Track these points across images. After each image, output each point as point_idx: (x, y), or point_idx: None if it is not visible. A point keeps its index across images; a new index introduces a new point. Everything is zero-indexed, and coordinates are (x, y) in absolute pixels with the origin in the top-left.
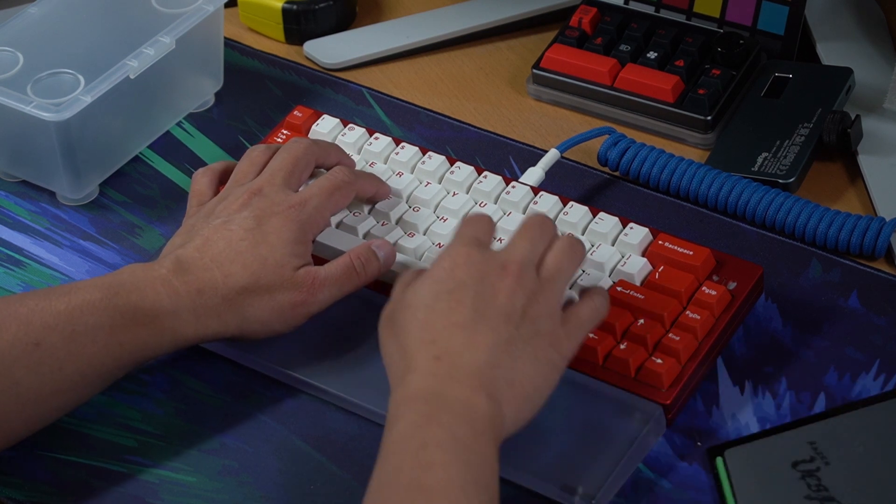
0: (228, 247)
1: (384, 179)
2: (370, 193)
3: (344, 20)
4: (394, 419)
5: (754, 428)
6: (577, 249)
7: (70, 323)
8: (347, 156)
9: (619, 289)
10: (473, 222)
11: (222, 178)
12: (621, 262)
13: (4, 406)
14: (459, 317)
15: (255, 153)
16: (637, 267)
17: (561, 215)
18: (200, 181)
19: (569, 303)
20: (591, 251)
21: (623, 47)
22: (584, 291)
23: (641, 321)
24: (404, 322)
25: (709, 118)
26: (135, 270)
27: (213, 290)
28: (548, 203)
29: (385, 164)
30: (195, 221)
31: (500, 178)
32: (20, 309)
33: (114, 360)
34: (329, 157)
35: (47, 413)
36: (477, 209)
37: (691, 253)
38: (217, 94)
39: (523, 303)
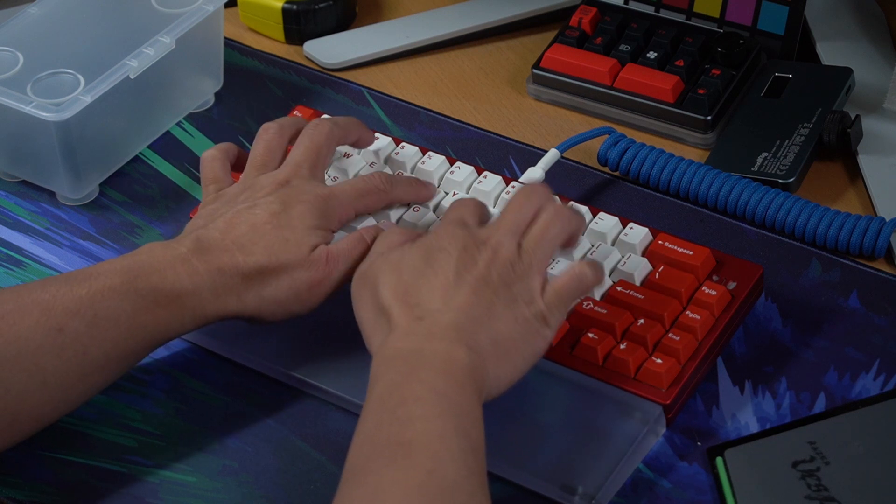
0: (252, 230)
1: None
2: (408, 200)
3: (344, 20)
4: (374, 379)
5: (754, 428)
6: (564, 217)
7: (92, 308)
8: (368, 131)
9: (619, 289)
10: (461, 205)
11: (231, 160)
12: (621, 262)
13: (31, 392)
14: (441, 280)
15: (269, 135)
16: (637, 267)
17: None
18: (213, 165)
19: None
20: (591, 251)
21: (623, 47)
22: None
23: (641, 321)
24: (387, 283)
25: (709, 118)
26: (154, 250)
27: (233, 270)
28: None
29: (385, 164)
30: (217, 206)
31: (500, 178)
32: (42, 295)
33: (137, 342)
34: (350, 136)
35: (74, 398)
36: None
37: (691, 253)
38: (217, 94)
39: (501, 272)
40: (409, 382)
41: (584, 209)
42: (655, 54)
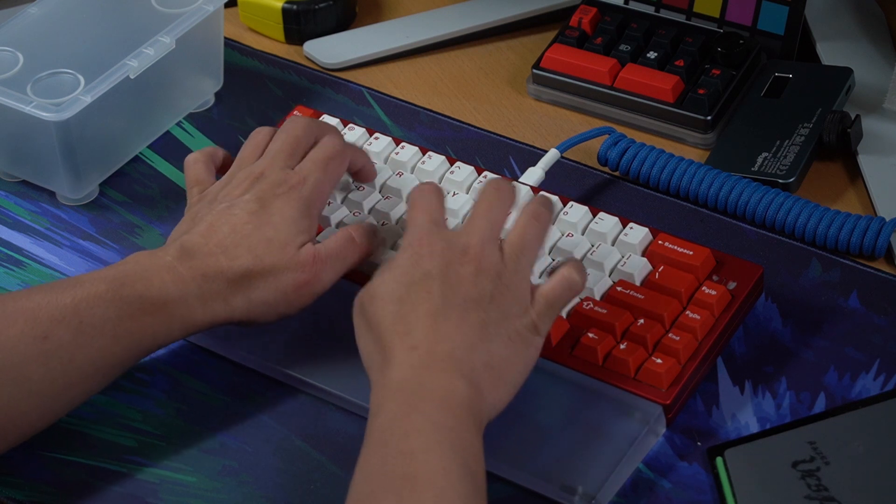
0: (233, 231)
1: (384, 179)
2: (359, 165)
3: (344, 20)
4: (375, 412)
5: (754, 428)
6: (542, 218)
7: (77, 316)
8: (340, 134)
9: (619, 289)
10: (423, 202)
11: (216, 163)
12: (621, 262)
13: (18, 401)
14: (430, 306)
15: (259, 136)
16: (637, 267)
17: (561, 215)
18: (196, 168)
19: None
20: (591, 251)
21: (623, 47)
22: (558, 266)
23: (641, 321)
24: (377, 314)
25: (709, 118)
26: (139, 259)
27: (218, 275)
28: None
29: (385, 164)
30: (199, 208)
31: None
32: (26, 304)
33: (124, 349)
34: (325, 134)
35: (61, 405)
36: (421, 181)
37: (691, 253)
38: (217, 94)
39: (489, 287)
40: (409, 416)
41: (584, 209)
42: (655, 54)
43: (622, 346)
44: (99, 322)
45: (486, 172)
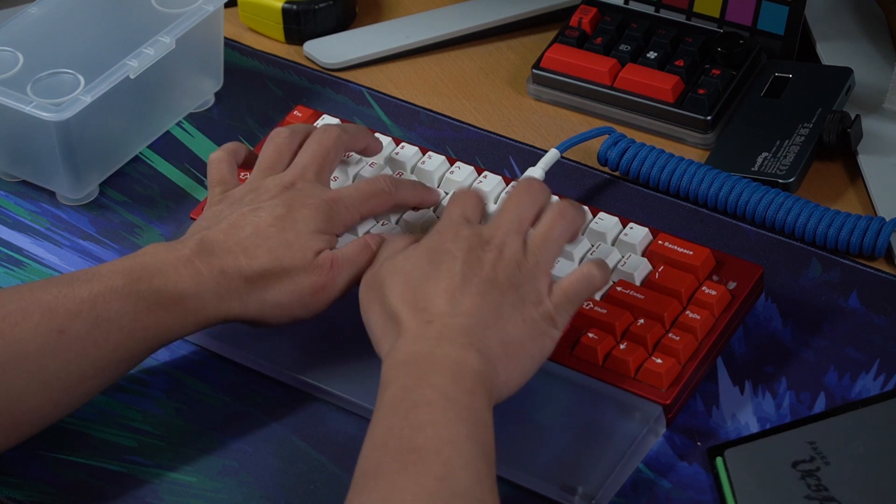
0: (255, 233)
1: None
2: (413, 203)
3: (344, 20)
4: (385, 384)
5: (754, 428)
6: (568, 216)
7: (94, 309)
8: (376, 140)
9: (619, 289)
10: (462, 200)
11: (238, 160)
12: (621, 262)
13: (33, 393)
14: (449, 283)
15: (279, 139)
16: (637, 267)
17: None
18: (220, 167)
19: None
20: (591, 251)
21: (623, 47)
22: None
23: (641, 321)
24: (394, 288)
25: (709, 118)
26: (157, 251)
27: (236, 272)
28: None
29: (385, 164)
30: (222, 208)
31: (500, 178)
32: (44, 296)
33: (138, 344)
34: (357, 144)
35: (75, 398)
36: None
37: (691, 253)
38: (217, 94)
39: (507, 273)
40: (420, 387)
41: (584, 209)
42: (655, 54)
43: (622, 346)
44: (115, 316)
45: (486, 172)
